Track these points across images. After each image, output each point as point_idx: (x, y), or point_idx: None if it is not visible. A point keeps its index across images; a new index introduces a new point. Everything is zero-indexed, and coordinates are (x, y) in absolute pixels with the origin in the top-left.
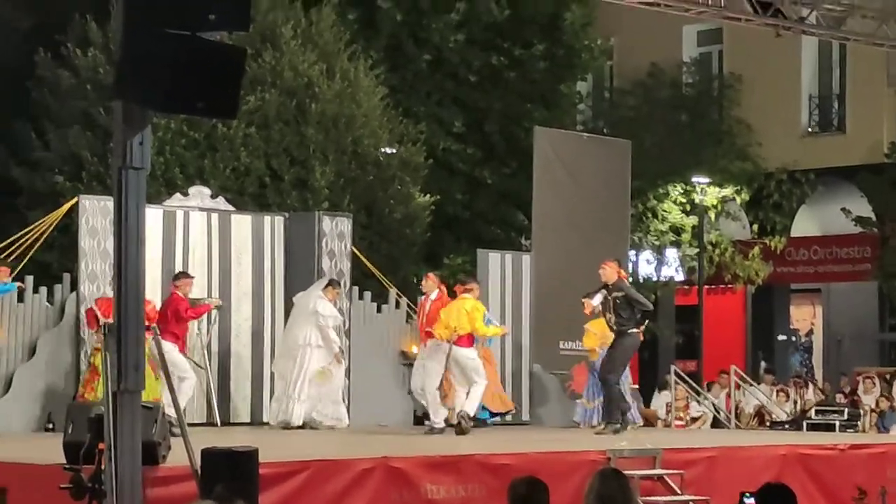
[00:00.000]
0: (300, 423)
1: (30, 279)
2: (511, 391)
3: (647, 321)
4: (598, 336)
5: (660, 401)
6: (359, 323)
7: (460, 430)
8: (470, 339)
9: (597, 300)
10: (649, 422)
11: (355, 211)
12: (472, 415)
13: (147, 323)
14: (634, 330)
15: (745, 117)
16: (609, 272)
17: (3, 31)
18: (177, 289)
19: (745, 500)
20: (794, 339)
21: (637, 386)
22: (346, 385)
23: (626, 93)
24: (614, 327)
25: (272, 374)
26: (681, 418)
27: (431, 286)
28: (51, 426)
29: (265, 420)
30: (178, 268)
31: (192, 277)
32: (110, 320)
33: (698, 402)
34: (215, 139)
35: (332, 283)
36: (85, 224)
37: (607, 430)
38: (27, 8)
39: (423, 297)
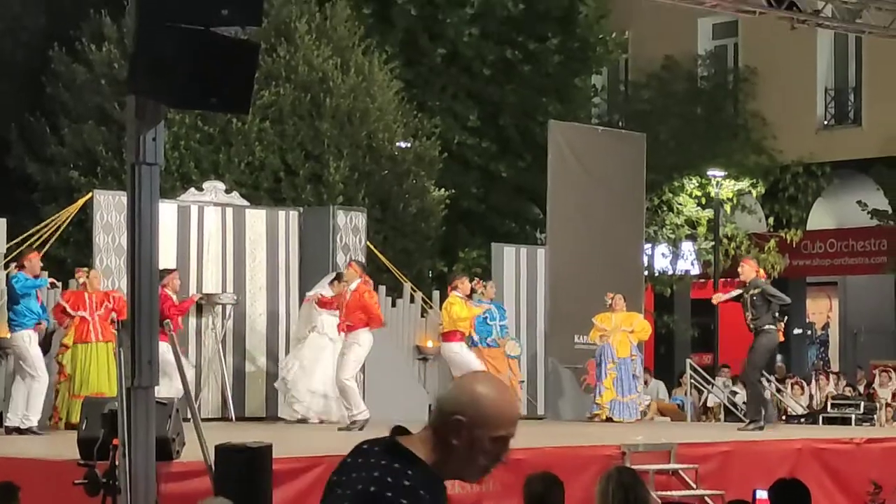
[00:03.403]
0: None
1: (44, 275)
2: (526, 385)
3: (785, 318)
4: (597, 329)
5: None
6: None
7: None
8: (457, 335)
9: (730, 295)
10: (666, 415)
11: (370, 205)
12: None
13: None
14: (771, 327)
15: (761, 110)
16: (748, 270)
17: (18, 26)
18: (164, 287)
19: (758, 494)
20: (810, 332)
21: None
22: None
23: (642, 86)
24: (751, 325)
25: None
26: None
27: (353, 275)
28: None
29: (280, 415)
30: (193, 263)
31: (175, 270)
32: (81, 313)
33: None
34: (230, 134)
35: (338, 277)
36: (99, 219)
37: (750, 427)
38: (42, 3)
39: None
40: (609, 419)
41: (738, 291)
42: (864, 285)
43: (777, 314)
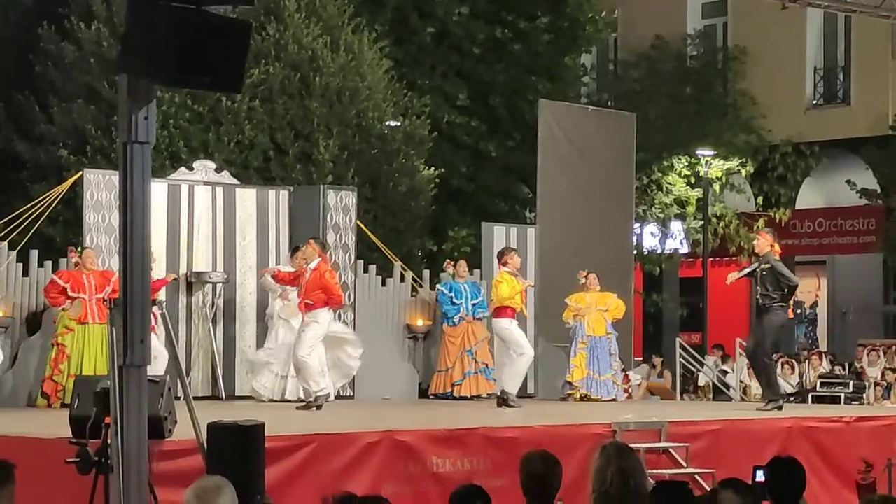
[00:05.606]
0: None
1: (34, 253)
2: None
3: (793, 297)
4: (571, 309)
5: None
6: (364, 296)
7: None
8: (507, 311)
9: (743, 272)
10: (656, 394)
11: (360, 184)
12: (513, 393)
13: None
14: (780, 305)
15: (750, 90)
16: (762, 243)
17: (6, 4)
18: None
19: (758, 476)
20: (798, 311)
21: (641, 358)
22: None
23: (631, 65)
24: (759, 300)
25: None
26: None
27: (312, 254)
28: None
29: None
30: (183, 242)
31: None
32: (82, 295)
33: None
34: (219, 113)
35: (296, 250)
36: (89, 198)
37: (769, 407)
38: None
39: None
40: (586, 397)
41: (752, 267)
42: (853, 264)
43: (786, 292)
